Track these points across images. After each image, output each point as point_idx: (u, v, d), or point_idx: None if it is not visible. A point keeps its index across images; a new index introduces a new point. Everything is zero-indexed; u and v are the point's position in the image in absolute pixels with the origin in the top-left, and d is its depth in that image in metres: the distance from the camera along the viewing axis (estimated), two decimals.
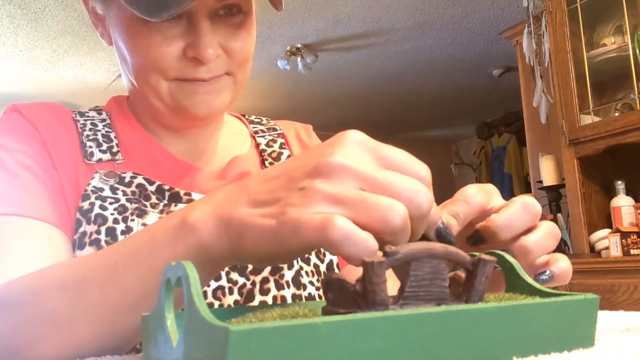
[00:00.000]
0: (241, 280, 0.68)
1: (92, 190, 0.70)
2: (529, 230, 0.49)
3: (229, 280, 0.68)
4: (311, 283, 0.73)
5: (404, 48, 4.42)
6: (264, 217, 0.40)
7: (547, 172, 2.83)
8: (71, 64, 4.41)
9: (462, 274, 0.38)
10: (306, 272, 0.73)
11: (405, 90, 5.41)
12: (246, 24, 0.72)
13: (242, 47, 0.72)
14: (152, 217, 0.69)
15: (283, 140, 0.88)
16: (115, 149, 0.75)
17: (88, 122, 0.77)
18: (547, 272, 0.50)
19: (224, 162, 0.80)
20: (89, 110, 0.81)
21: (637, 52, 2.41)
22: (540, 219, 0.50)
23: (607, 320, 0.51)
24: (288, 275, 0.71)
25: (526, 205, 0.48)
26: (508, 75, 4.94)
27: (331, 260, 0.78)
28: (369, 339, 0.30)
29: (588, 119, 2.56)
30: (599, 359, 0.34)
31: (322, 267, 0.76)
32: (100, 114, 0.80)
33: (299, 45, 4.28)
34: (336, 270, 0.78)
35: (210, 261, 0.44)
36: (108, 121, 0.79)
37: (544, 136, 3.51)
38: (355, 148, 0.40)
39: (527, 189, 5.05)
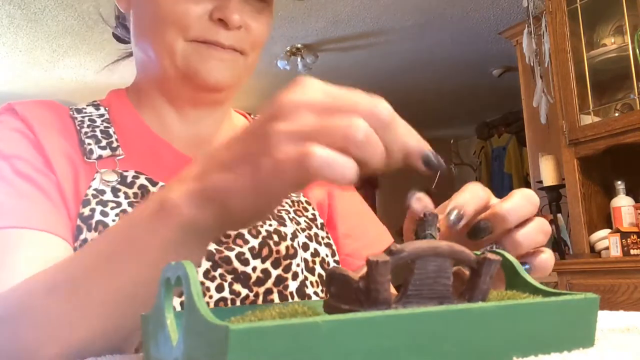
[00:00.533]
0: (244, 292, 0.67)
1: (92, 195, 0.68)
2: (520, 225, 0.51)
3: (232, 291, 0.67)
4: (316, 294, 0.72)
5: (404, 48, 4.42)
6: (240, 175, 0.41)
7: (547, 172, 2.83)
8: (71, 64, 4.41)
9: (465, 269, 0.38)
10: (311, 283, 0.72)
11: (405, 90, 5.41)
12: (267, 12, 0.75)
13: (260, 30, 0.73)
14: None
15: None
16: (115, 144, 0.73)
17: (86, 119, 0.75)
18: (527, 265, 0.51)
19: None
20: (87, 105, 0.79)
21: (637, 52, 2.41)
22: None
23: (607, 320, 0.51)
24: (292, 286, 0.70)
25: (527, 195, 0.52)
26: (508, 75, 4.94)
27: None
28: (370, 338, 0.30)
29: (588, 119, 2.56)
30: (599, 359, 0.34)
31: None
32: (98, 109, 0.78)
33: (299, 45, 4.28)
34: None
35: (197, 238, 0.45)
36: (107, 116, 0.77)
37: (544, 136, 3.50)
38: (306, 87, 0.41)
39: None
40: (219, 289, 0.66)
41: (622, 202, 2.44)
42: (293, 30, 4.02)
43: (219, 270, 0.67)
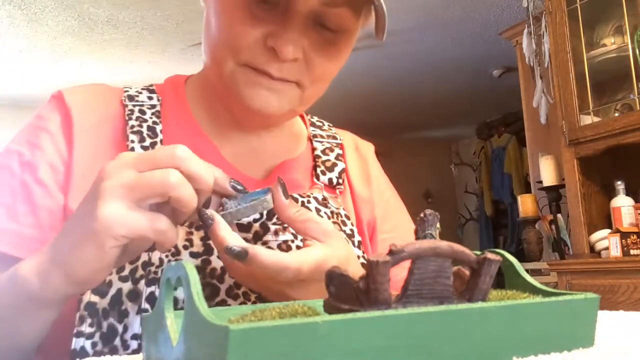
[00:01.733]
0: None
1: None
2: None
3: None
4: None
5: (405, 49, 4.42)
6: (83, 238, 0.48)
7: (547, 173, 2.83)
8: (71, 65, 4.41)
9: (465, 269, 0.38)
10: None
11: (405, 91, 5.41)
12: (339, 44, 0.67)
13: (323, 64, 0.67)
14: (180, 232, 0.63)
15: (340, 152, 0.82)
16: (158, 146, 0.69)
17: (136, 109, 0.71)
18: None
19: (274, 167, 0.76)
20: (142, 90, 0.75)
21: (637, 52, 2.41)
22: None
23: (607, 320, 0.51)
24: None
25: None
26: (508, 76, 4.94)
27: None
28: (369, 338, 0.30)
29: (588, 119, 2.56)
30: (598, 359, 0.34)
31: None
32: (151, 98, 0.74)
33: None
34: None
35: (45, 304, 0.53)
36: (158, 108, 0.72)
37: (544, 136, 3.50)
38: (122, 155, 0.51)
39: (527, 189, 5.05)
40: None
41: (622, 202, 2.44)
42: None
43: (243, 289, 0.64)
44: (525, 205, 3.54)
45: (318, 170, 0.78)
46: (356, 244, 0.74)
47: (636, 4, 2.42)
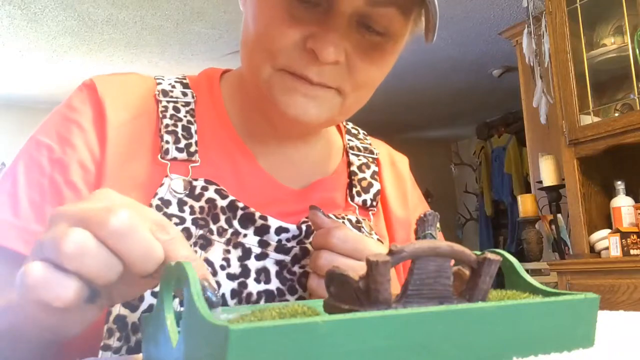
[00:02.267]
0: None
1: (157, 205, 0.60)
2: None
3: None
4: None
5: (404, 49, 4.42)
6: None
7: (547, 173, 2.83)
8: (71, 65, 4.41)
9: (465, 269, 0.38)
10: None
11: (405, 91, 5.41)
12: (385, 48, 0.63)
13: (366, 70, 0.62)
14: (217, 249, 0.61)
15: (377, 169, 0.78)
16: (193, 148, 0.65)
17: (170, 106, 0.68)
18: None
19: (310, 180, 0.72)
20: (175, 82, 0.71)
21: (637, 52, 2.41)
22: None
23: (607, 320, 0.51)
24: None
25: None
26: (508, 76, 4.94)
27: None
28: (370, 338, 0.30)
29: (588, 119, 2.56)
30: (599, 359, 0.34)
31: None
32: (185, 94, 0.70)
33: None
34: None
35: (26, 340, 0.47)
36: (192, 106, 0.69)
37: (544, 136, 3.51)
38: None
39: (527, 189, 5.05)
40: None
41: (622, 202, 2.44)
42: None
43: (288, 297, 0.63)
44: (525, 205, 3.54)
45: (354, 190, 0.74)
46: None
47: (636, 4, 2.42)
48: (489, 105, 6.02)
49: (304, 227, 0.65)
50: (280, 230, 0.64)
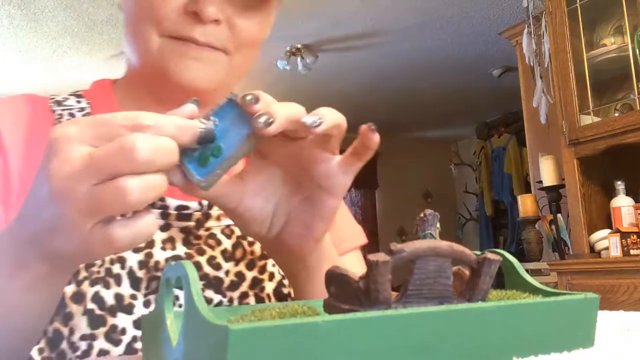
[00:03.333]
0: (217, 298, 0.64)
1: None
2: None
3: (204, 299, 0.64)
4: (289, 294, 0.68)
5: (404, 48, 4.42)
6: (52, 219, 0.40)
7: (547, 172, 2.83)
8: (71, 65, 4.41)
9: (465, 269, 0.38)
10: (288, 283, 0.68)
11: (405, 91, 5.41)
12: (261, 8, 0.67)
13: (247, 28, 0.66)
14: None
15: None
16: None
17: (65, 113, 0.69)
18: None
19: None
20: (68, 96, 0.73)
21: (637, 52, 2.41)
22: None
23: (607, 320, 0.51)
24: (269, 287, 0.67)
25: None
26: (508, 75, 4.94)
27: None
28: (370, 338, 0.30)
29: (588, 119, 2.56)
30: (599, 359, 0.34)
31: None
32: (79, 102, 0.72)
33: (299, 46, 4.28)
34: None
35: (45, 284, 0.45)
36: (88, 111, 0.71)
37: (544, 136, 3.50)
38: (74, 120, 0.42)
39: (527, 189, 5.05)
40: None
41: (622, 202, 2.44)
42: (293, 30, 4.02)
43: None
44: (525, 205, 3.54)
45: None
46: None
47: (636, 4, 2.42)
48: (489, 105, 6.02)
49: (204, 202, 0.67)
50: (180, 208, 0.66)
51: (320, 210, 0.50)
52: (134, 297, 0.60)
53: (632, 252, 2.33)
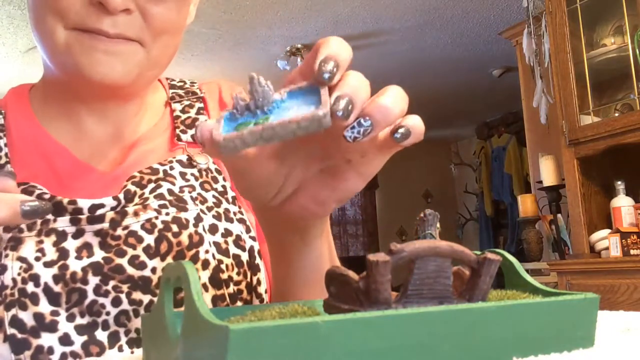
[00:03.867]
0: (146, 298, 0.60)
1: None
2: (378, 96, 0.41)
3: (132, 301, 0.59)
4: (231, 278, 0.64)
5: (404, 48, 4.42)
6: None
7: (547, 173, 2.83)
8: None
9: (465, 269, 0.38)
10: (226, 266, 0.64)
11: (405, 91, 5.41)
12: None
13: (162, 14, 0.61)
14: (29, 244, 0.59)
15: (202, 105, 0.75)
16: (3, 160, 0.65)
17: None
18: (402, 129, 0.41)
19: (131, 142, 0.70)
20: None
21: (637, 52, 2.41)
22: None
23: (607, 320, 0.51)
24: (204, 276, 0.62)
25: (400, 91, 0.44)
26: (508, 76, 4.94)
27: (252, 247, 0.68)
28: (370, 338, 0.30)
29: (588, 119, 2.56)
30: (599, 359, 0.34)
31: (245, 257, 0.67)
32: None
33: (299, 46, 4.29)
34: (257, 257, 0.69)
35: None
36: (1, 121, 0.68)
37: (544, 136, 3.51)
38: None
39: (527, 189, 5.05)
40: (116, 302, 0.59)
41: (622, 202, 2.44)
42: (293, 30, 4.02)
43: (112, 283, 0.59)
44: (525, 205, 3.54)
45: (178, 131, 0.72)
46: (230, 200, 0.69)
47: (636, 4, 2.42)
48: (489, 105, 6.02)
49: (121, 195, 0.63)
50: (94, 208, 0.62)
51: (339, 188, 0.43)
52: (55, 313, 0.57)
53: (632, 252, 2.33)
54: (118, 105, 0.69)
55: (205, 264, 0.63)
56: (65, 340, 0.57)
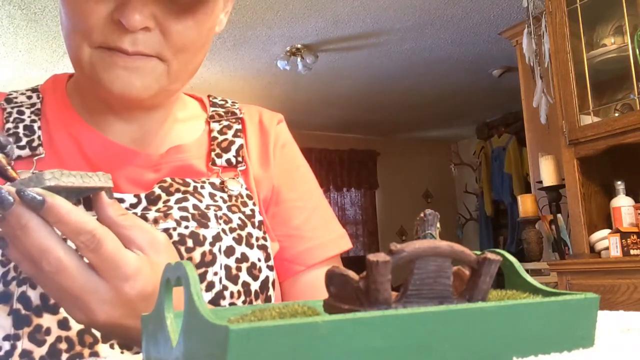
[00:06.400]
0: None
1: None
2: None
3: None
4: (233, 305, 0.64)
5: (404, 48, 4.42)
6: None
7: (547, 173, 2.83)
8: (71, 65, 4.41)
9: (465, 269, 0.38)
10: (231, 293, 0.64)
11: (405, 91, 5.41)
12: (197, 10, 0.63)
13: (181, 33, 0.62)
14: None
15: (240, 127, 0.77)
16: (36, 143, 0.67)
17: (15, 111, 0.70)
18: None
19: (165, 148, 0.72)
20: (26, 90, 0.74)
21: (637, 52, 2.41)
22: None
23: (607, 320, 0.51)
24: (205, 297, 0.63)
25: None
26: (508, 76, 4.94)
27: (267, 277, 0.68)
28: (370, 338, 0.30)
29: (588, 119, 2.56)
30: (598, 359, 0.34)
31: (255, 286, 0.67)
32: (31, 97, 0.73)
33: (299, 46, 4.28)
34: (271, 289, 0.69)
35: None
36: (38, 106, 0.71)
37: (544, 136, 3.51)
38: None
39: (527, 189, 5.05)
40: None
41: (622, 202, 2.44)
42: (293, 30, 4.02)
43: None
44: (525, 205, 3.54)
45: (213, 154, 0.73)
46: (256, 224, 0.70)
47: (636, 4, 2.42)
48: (489, 105, 6.02)
49: (142, 195, 0.65)
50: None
51: None
52: None
53: (632, 252, 2.33)
54: (144, 113, 0.71)
55: (210, 286, 0.63)
56: (63, 324, 0.59)
